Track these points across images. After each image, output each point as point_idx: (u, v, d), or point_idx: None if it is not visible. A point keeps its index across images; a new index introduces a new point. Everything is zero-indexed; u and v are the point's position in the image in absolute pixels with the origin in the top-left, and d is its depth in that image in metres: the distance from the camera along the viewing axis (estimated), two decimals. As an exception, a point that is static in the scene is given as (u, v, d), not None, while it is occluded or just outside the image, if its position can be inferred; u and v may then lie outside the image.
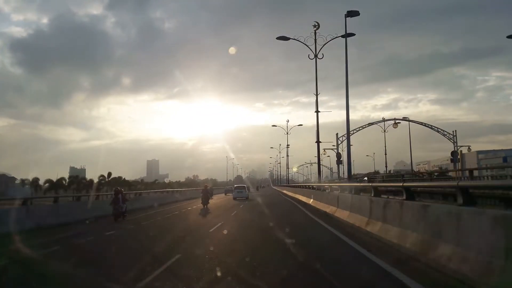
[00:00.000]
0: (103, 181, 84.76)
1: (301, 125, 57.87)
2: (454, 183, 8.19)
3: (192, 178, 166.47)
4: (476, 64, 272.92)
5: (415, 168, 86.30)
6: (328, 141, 52.02)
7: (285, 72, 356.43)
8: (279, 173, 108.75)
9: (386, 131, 56.80)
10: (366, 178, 37.59)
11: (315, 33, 27.06)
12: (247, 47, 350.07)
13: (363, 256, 7.74)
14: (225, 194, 55.28)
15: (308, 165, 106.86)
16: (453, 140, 52.06)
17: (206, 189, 26.92)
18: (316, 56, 27.09)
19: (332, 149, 56.18)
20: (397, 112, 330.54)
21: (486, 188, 8.39)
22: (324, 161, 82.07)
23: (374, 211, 10.03)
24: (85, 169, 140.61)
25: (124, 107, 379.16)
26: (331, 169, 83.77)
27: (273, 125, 60.76)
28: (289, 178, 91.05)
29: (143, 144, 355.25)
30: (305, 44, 27.29)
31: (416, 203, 7.94)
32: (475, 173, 26.19)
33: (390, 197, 12.45)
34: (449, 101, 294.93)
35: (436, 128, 53.64)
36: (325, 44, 26.94)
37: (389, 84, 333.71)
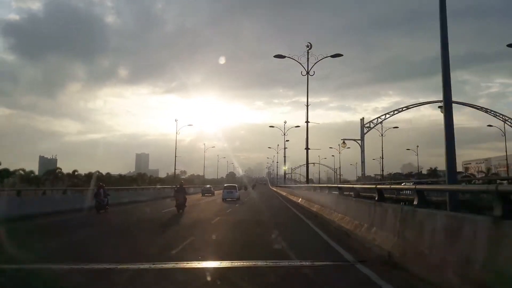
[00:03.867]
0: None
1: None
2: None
3: (178, 174, 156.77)
4: (479, 69, 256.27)
5: (461, 168, 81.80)
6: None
7: (286, 70, 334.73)
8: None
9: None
10: (405, 184, 30.13)
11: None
12: (247, 41, 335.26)
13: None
14: (202, 195, 45.65)
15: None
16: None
17: (181, 188, 20.81)
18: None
19: (354, 139, 58.41)
20: (398, 116, 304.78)
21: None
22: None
23: None
24: (56, 159, 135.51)
25: (121, 100, 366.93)
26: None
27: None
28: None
29: (139, 138, 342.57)
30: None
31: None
32: None
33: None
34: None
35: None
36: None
37: (391, 86, 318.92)
